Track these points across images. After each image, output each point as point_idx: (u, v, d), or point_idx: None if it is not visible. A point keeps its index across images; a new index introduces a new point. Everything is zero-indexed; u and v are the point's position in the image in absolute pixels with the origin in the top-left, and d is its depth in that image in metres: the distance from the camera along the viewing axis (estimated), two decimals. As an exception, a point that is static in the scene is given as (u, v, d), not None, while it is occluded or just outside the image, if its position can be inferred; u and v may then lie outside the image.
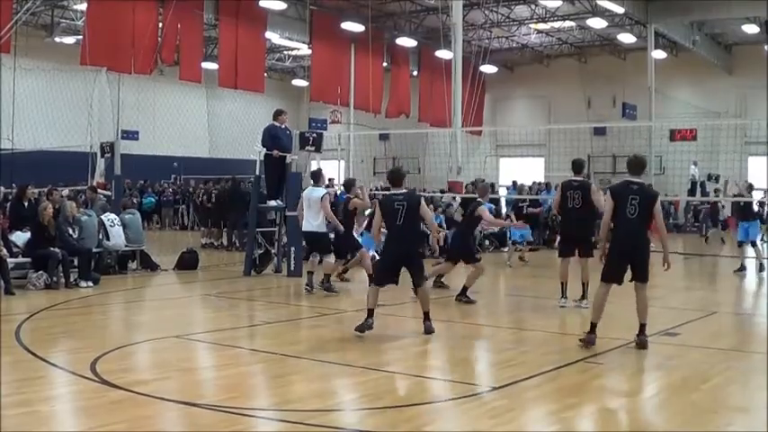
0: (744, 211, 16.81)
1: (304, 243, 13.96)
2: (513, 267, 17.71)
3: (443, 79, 29.61)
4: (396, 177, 9.70)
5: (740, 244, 16.91)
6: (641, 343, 8.30)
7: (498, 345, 9.20)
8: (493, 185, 25.94)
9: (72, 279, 13.10)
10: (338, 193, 20.62)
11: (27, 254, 13.14)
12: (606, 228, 8.53)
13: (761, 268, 16.43)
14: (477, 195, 12.87)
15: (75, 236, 13.72)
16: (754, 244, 16.68)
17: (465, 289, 12.04)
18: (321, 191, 12.88)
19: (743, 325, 11.04)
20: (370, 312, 9.06)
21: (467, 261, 12.38)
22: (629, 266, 8.33)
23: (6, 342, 8.27)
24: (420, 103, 35.76)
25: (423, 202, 9.50)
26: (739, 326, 10.96)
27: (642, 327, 8.37)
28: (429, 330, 9.19)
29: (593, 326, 8.32)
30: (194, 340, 8.98)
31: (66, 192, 20.31)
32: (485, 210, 12.21)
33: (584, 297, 11.07)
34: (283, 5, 28.93)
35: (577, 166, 11.94)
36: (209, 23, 29.51)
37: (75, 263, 13.34)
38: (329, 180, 26.29)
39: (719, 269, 19.14)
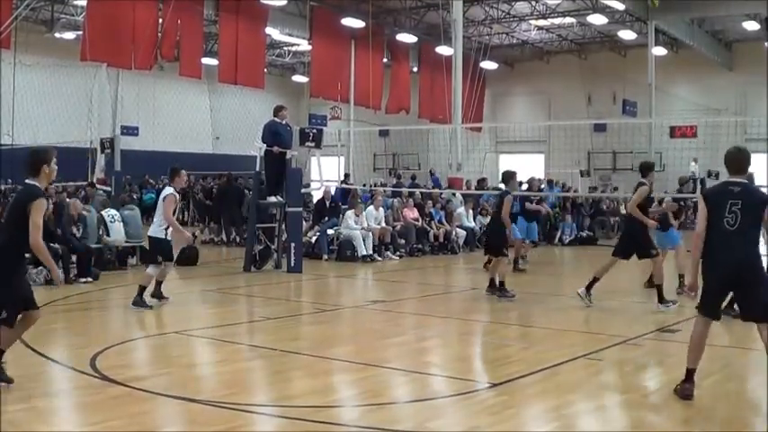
0: None
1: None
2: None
3: (443, 75, 29.59)
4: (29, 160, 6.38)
5: None
6: None
7: (497, 341, 9.20)
8: (482, 180, 25.95)
9: (72, 275, 13.10)
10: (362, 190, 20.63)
11: (27, 250, 13.12)
12: (697, 245, 6.33)
13: None
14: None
15: (78, 235, 13.73)
16: None
17: None
18: (169, 190, 10.85)
19: (742, 322, 11.01)
20: None
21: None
22: (730, 294, 6.49)
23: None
24: (420, 100, 35.76)
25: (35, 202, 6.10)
26: (739, 323, 10.92)
27: None
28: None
29: (690, 373, 6.26)
30: (194, 336, 8.98)
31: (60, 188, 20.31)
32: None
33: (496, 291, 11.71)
34: (284, 1, 28.90)
35: (504, 178, 12.47)
36: (209, 19, 29.50)
37: (74, 259, 13.36)
38: (345, 176, 26.36)
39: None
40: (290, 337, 9.11)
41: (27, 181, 6.44)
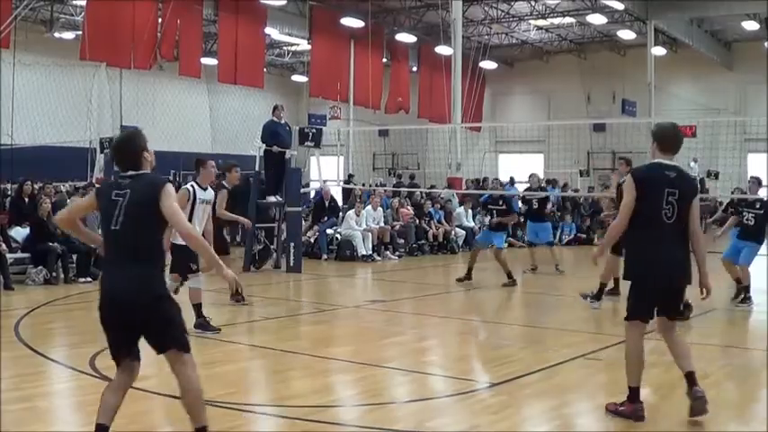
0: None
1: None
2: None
3: (443, 75, 29.59)
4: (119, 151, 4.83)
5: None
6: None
7: (497, 341, 9.20)
8: (480, 180, 26.05)
9: (71, 274, 13.11)
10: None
11: (26, 249, 13.15)
12: (618, 232, 5.64)
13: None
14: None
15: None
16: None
17: None
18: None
19: (742, 321, 11.04)
20: None
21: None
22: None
23: (6, 337, 8.27)
24: (420, 99, 35.75)
25: (169, 190, 4.64)
26: (738, 322, 10.96)
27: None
28: None
29: (634, 392, 5.65)
30: (193, 336, 8.93)
31: (63, 187, 20.33)
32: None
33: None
34: (283, 1, 28.91)
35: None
36: (208, 19, 29.48)
37: (74, 259, 13.36)
38: (349, 176, 26.39)
39: (718, 265, 19.11)
40: (289, 337, 9.12)
41: None
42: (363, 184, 27.00)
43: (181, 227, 4.71)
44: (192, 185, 9.05)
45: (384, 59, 34.94)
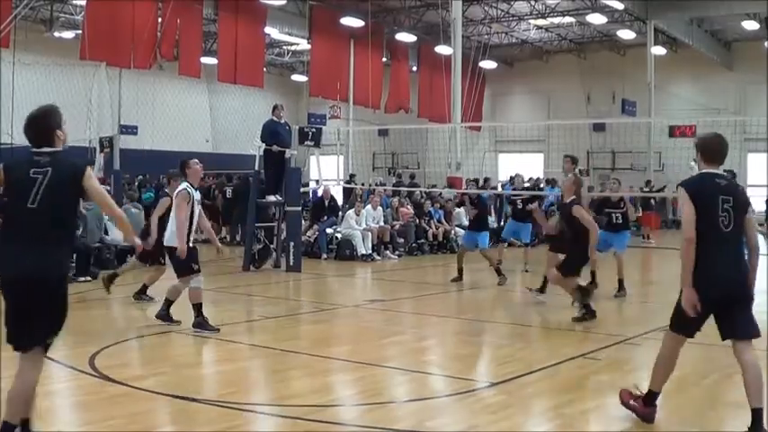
0: None
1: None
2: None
3: (443, 75, 29.59)
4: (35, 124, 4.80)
5: None
6: None
7: (496, 340, 9.20)
8: (486, 180, 26.06)
9: (70, 273, 13.09)
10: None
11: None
12: (692, 253, 5.22)
13: None
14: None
15: (78, 232, 13.72)
16: None
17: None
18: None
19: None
20: None
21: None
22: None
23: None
24: (419, 99, 35.76)
25: (90, 172, 4.77)
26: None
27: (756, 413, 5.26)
28: None
29: (652, 395, 5.59)
30: (193, 335, 8.96)
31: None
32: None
33: None
34: (283, 1, 28.93)
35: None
36: (208, 18, 29.49)
37: (74, 258, 13.35)
38: (350, 176, 26.39)
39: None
40: (288, 337, 9.12)
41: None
42: (363, 184, 27.00)
43: (107, 205, 4.94)
44: (189, 186, 9.21)
45: (384, 59, 34.95)
